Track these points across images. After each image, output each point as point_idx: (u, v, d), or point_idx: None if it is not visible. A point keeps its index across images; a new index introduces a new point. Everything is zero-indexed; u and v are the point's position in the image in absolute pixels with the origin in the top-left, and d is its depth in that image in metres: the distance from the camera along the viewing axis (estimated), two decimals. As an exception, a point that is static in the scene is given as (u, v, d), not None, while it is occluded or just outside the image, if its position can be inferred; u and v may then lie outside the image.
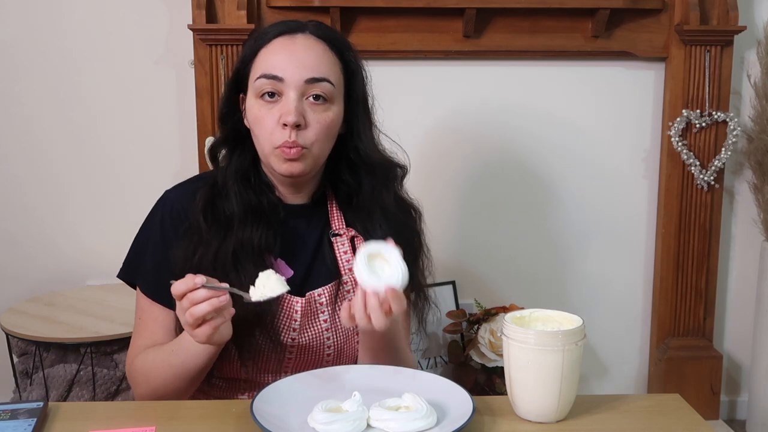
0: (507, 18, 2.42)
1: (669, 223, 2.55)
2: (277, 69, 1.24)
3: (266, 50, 1.27)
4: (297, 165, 1.25)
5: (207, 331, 1.10)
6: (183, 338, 1.21)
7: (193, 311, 1.08)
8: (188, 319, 1.09)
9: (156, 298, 1.29)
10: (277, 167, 1.26)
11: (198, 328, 1.10)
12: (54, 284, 2.49)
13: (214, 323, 1.10)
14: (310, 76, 1.24)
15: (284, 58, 1.25)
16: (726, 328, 2.72)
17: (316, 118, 1.25)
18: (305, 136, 1.25)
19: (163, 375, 1.24)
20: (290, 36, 1.27)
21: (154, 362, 1.25)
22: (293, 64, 1.24)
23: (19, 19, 2.43)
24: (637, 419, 1.12)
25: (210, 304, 1.08)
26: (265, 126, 1.25)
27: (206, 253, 1.24)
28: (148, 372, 1.26)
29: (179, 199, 1.32)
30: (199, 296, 1.08)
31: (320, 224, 1.35)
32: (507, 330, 1.09)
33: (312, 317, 1.30)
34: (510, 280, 2.61)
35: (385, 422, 1.02)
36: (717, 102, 2.47)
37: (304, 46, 1.26)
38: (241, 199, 1.29)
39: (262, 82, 1.25)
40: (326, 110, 1.27)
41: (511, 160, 2.56)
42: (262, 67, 1.26)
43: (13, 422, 1.06)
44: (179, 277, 1.12)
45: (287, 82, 1.24)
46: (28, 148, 2.50)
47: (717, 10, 2.43)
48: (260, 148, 1.28)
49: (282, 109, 1.24)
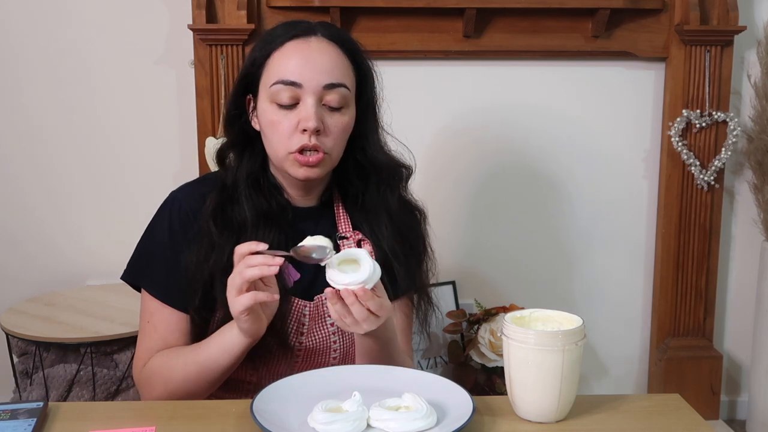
0: (507, 18, 2.42)
1: (669, 223, 2.55)
2: (295, 74, 1.23)
3: (280, 54, 1.26)
4: (315, 170, 1.26)
5: (247, 302, 1.12)
6: (214, 335, 1.22)
7: (245, 272, 1.11)
8: (237, 281, 1.11)
9: (166, 300, 1.28)
10: (294, 172, 1.26)
11: (241, 294, 1.12)
12: (54, 284, 2.49)
13: (256, 295, 1.12)
14: (328, 81, 1.24)
15: (300, 63, 1.24)
16: (726, 328, 2.72)
17: (334, 123, 1.25)
18: (324, 141, 1.25)
19: (184, 374, 1.23)
20: (303, 40, 1.26)
21: (176, 361, 1.24)
22: (311, 70, 1.23)
23: (19, 19, 2.43)
24: (637, 419, 1.12)
25: (260, 270, 1.11)
26: (282, 131, 1.24)
27: (220, 259, 1.24)
28: (167, 372, 1.25)
29: (187, 200, 1.31)
30: (255, 260, 1.11)
31: (327, 226, 1.35)
32: (507, 330, 1.09)
33: (320, 321, 1.31)
34: (510, 280, 2.61)
35: (385, 422, 1.02)
36: (717, 102, 2.48)
37: (319, 51, 1.25)
38: (253, 203, 1.28)
39: (279, 88, 1.24)
40: (343, 115, 1.27)
41: (510, 160, 2.57)
42: (277, 72, 1.25)
43: (13, 422, 1.06)
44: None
45: (305, 87, 1.23)
46: (28, 148, 2.50)
47: (717, 10, 2.43)
48: (274, 152, 1.27)
49: (300, 114, 1.23)
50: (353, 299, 1.12)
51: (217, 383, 1.25)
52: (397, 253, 1.33)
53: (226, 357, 1.20)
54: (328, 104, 1.25)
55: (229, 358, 1.20)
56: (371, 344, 1.23)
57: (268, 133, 1.27)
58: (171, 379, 1.24)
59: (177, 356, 1.25)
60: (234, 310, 1.14)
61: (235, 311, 1.14)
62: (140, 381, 1.31)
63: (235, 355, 1.20)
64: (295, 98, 1.24)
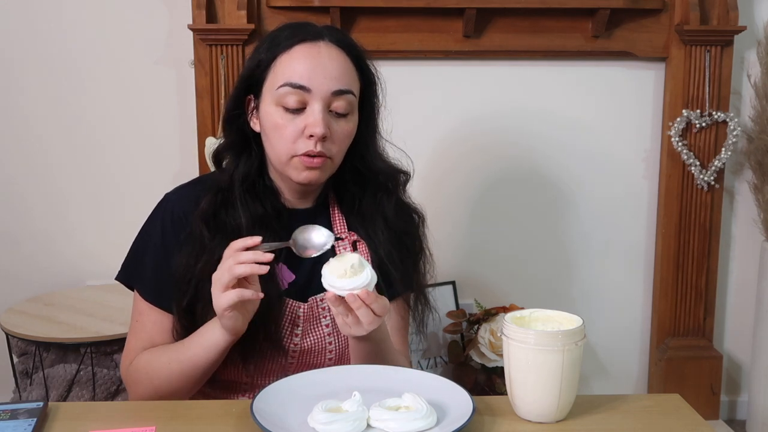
0: (507, 18, 2.42)
1: (669, 223, 2.55)
2: (304, 78, 1.22)
3: (288, 57, 1.24)
4: (316, 173, 1.25)
5: (233, 298, 1.12)
6: (196, 333, 1.22)
7: (234, 269, 1.11)
8: (225, 277, 1.11)
9: (154, 302, 1.29)
10: (296, 176, 1.26)
11: (226, 291, 1.12)
12: (54, 284, 2.49)
13: (242, 292, 1.12)
14: (337, 88, 1.24)
15: (310, 68, 1.23)
16: (726, 328, 2.72)
17: (339, 129, 1.25)
18: (329, 147, 1.25)
19: (167, 372, 1.23)
20: (313, 44, 1.25)
21: (160, 359, 1.25)
22: (320, 75, 1.23)
23: (18, 19, 2.43)
24: (637, 419, 1.12)
25: (251, 268, 1.11)
26: (287, 134, 1.24)
27: (209, 261, 1.23)
28: (152, 370, 1.25)
29: (180, 202, 1.31)
30: (245, 256, 1.12)
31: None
32: (507, 330, 1.09)
33: (314, 322, 1.31)
34: (510, 281, 2.61)
35: (385, 422, 1.02)
36: (717, 102, 2.48)
37: (328, 56, 1.24)
38: (248, 207, 1.27)
39: (286, 91, 1.23)
40: (348, 121, 1.27)
41: (510, 160, 2.56)
42: (285, 75, 1.24)
43: (13, 422, 1.06)
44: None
45: (314, 92, 1.23)
46: (28, 148, 2.50)
47: (717, 10, 2.43)
48: (276, 155, 1.27)
49: (308, 119, 1.23)
50: (359, 303, 1.12)
51: (202, 380, 1.25)
52: (393, 257, 1.33)
53: (208, 355, 1.20)
54: (335, 110, 1.25)
55: (210, 355, 1.20)
56: (366, 346, 1.23)
57: (272, 135, 1.26)
58: (156, 377, 1.25)
59: (160, 355, 1.26)
60: (218, 306, 1.14)
61: (220, 307, 1.13)
62: (127, 379, 1.32)
63: (217, 353, 1.20)
64: (302, 102, 1.23)
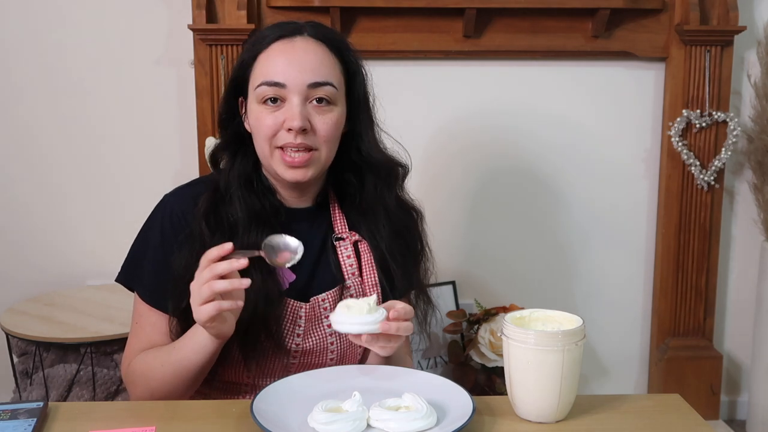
0: (507, 18, 2.42)
1: (669, 223, 2.55)
2: (279, 75, 1.24)
3: (265, 55, 1.26)
4: (302, 171, 1.26)
5: (211, 311, 1.10)
6: (186, 335, 1.22)
7: (213, 285, 1.09)
8: (205, 292, 1.09)
9: (154, 304, 1.29)
10: (282, 172, 1.26)
11: (205, 304, 1.10)
12: (54, 284, 2.49)
13: (220, 305, 1.11)
14: (313, 80, 1.24)
15: (284, 64, 1.24)
16: (726, 328, 2.72)
17: (322, 121, 1.25)
18: (312, 139, 1.25)
19: (161, 374, 1.23)
20: (289, 40, 1.27)
21: (154, 361, 1.25)
22: (294, 69, 1.24)
23: (18, 18, 2.43)
24: (637, 419, 1.12)
25: (230, 283, 1.10)
26: (267, 130, 1.25)
27: None
28: (148, 372, 1.26)
29: (179, 203, 1.31)
30: (221, 268, 1.09)
31: (323, 228, 1.35)
32: (507, 330, 1.09)
33: (316, 322, 1.30)
34: (510, 280, 2.61)
35: (385, 422, 1.02)
36: (717, 102, 2.48)
37: (303, 50, 1.26)
38: (245, 204, 1.28)
39: (263, 90, 1.25)
40: (330, 112, 1.27)
41: (510, 160, 2.57)
42: (262, 74, 1.25)
43: (13, 422, 1.06)
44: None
45: (290, 87, 1.24)
46: (28, 149, 2.50)
47: (717, 10, 2.43)
48: (261, 151, 1.28)
49: (286, 114, 1.24)
50: (397, 325, 1.15)
51: (197, 381, 1.25)
52: (395, 254, 1.33)
53: (199, 357, 1.20)
54: (315, 103, 1.25)
55: (201, 358, 1.20)
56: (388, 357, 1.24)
57: (255, 132, 1.28)
58: (151, 379, 1.25)
59: (155, 357, 1.26)
60: (198, 320, 1.13)
61: (200, 320, 1.13)
62: (126, 380, 1.32)
63: (207, 355, 1.20)
64: (281, 98, 1.25)
